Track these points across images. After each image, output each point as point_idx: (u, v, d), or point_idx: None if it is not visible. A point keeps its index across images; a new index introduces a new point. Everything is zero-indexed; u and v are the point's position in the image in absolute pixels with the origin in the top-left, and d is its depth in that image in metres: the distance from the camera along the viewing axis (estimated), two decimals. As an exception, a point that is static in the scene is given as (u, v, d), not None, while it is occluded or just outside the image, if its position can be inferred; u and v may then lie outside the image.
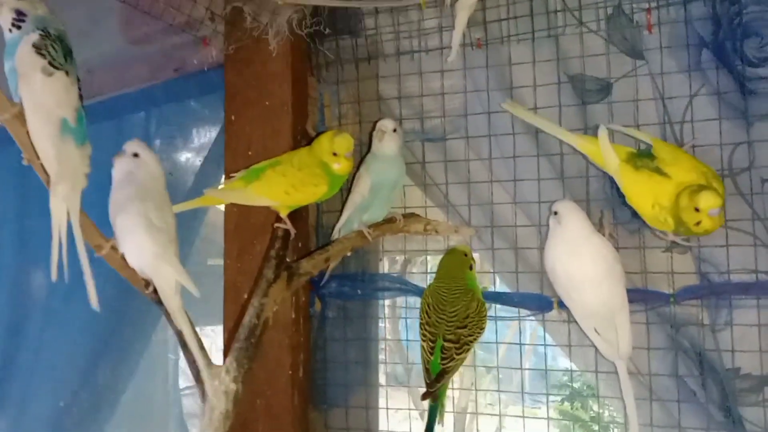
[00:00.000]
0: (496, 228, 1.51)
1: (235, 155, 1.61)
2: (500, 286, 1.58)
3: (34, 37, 1.04)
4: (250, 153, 1.59)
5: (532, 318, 1.47)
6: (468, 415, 2.91)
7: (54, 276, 1.05)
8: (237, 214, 1.58)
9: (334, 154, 1.37)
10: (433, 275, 1.47)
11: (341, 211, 1.52)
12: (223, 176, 1.66)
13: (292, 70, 1.57)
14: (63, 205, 1.04)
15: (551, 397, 1.55)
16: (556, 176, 1.48)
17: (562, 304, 1.39)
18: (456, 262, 1.44)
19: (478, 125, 1.53)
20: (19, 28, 1.07)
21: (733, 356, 1.30)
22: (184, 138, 1.84)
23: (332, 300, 1.61)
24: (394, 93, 1.61)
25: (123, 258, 1.17)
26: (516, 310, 1.47)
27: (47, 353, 1.92)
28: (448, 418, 1.48)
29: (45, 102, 1.02)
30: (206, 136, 1.82)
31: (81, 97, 1.09)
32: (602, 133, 1.28)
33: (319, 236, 1.64)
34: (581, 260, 1.28)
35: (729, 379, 1.31)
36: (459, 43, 1.44)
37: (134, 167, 1.21)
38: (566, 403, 3.69)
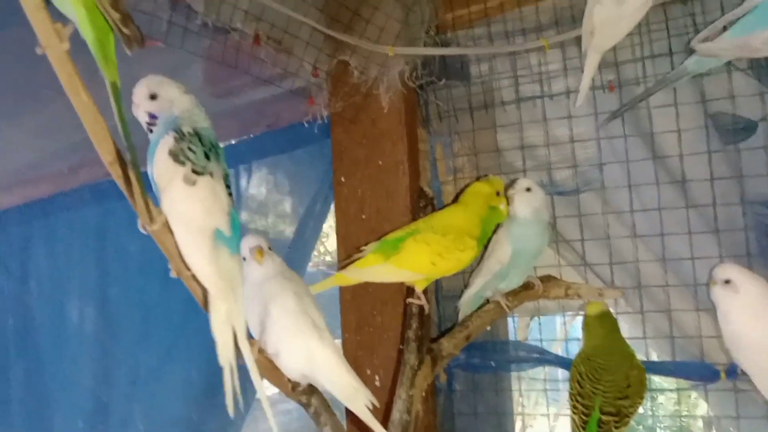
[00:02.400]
0: (644, 289, 1.38)
1: (346, 219, 1.49)
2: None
3: (169, 141, 0.91)
4: (363, 216, 1.47)
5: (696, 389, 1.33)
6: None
7: (231, 412, 0.92)
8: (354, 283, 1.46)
9: (498, 194, 1.29)
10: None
11: (470, 276, 1.40)
12: (318, 244, 1.54)
13: (406, 126, 1.45)
14: (228, 325, 0.92)
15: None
16: (709, 230, 1.34)
17: (730, 374, 1.26)
18: (609, 325, 1.31)
19: (614, 175, 1.40)
20: (151, 131, 0.96)
21: None
22: (279, 195, 1.73)
23: (458, 371, 1.48)
24: (515, 143, 1.48)
25: (269, 359, 1.06)
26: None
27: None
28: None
29: (192, 215, 0.89)
30: (303, 192, 1.70)
31: (231, 194, 0.96)
32: None
33: (439, 302, 1.51)
34: None
35: None
36: (588, 87, 1.31)
37: (270, 261, 1.10)
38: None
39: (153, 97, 0.95)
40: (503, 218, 1.30)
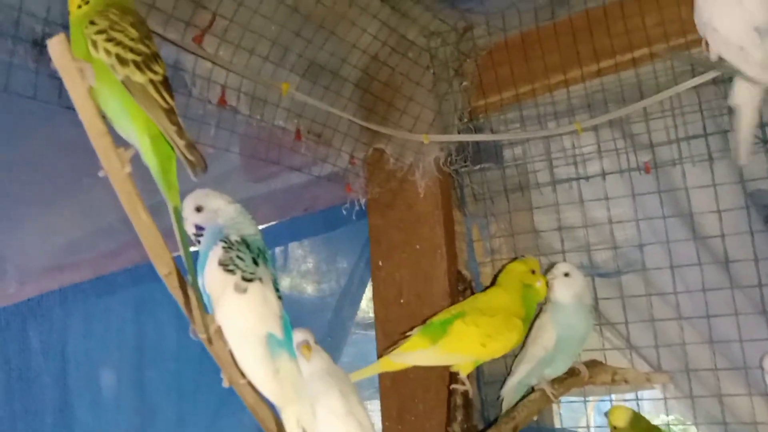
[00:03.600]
0: (693, 372, 1.35)
1: (385, 303, 1.49)
2: None
3: (218, 252, 0.92)
4: (402, 301, 1.47)
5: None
6: None
7: None
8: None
9: (533, 272, 1.30)
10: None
11: (512, 362, 1.37)
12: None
13: (442, 210, 1.47)
14: (299, 430, 0.92)
15: None
16: (756, 311, 1.32)
17: (789, 464, 1.21)
18: (641, 426, 1.27)
19: (655, 257, 1.39)
20: (198, 242, 0.98)
21: None
22: (316, 276, 1.74)
23: (503, 458, 1.44)
24: (552, 224, 1.48)
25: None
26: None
27: None
28: None
29: (245, 322, 0.90)
30: (339, 273, 1.71)
31: (280, 297, 0.97)
32: None
33: (481, 388, 1.49)
34: None
35: None
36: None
37: (317, 357, 1.10)
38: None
39: (198, 209, 0.98)
40: (541, 296, 1.30)
